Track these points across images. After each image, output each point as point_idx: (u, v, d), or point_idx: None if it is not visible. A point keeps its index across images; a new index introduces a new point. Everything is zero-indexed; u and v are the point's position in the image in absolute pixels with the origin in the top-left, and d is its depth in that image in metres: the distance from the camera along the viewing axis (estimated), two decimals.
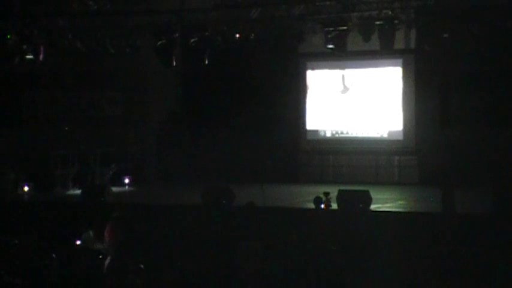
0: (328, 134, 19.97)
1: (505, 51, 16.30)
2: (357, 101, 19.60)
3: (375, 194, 14.10)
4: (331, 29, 14.57)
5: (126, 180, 19.02)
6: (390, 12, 14.22)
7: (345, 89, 19.73)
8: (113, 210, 10.37)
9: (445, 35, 14.28)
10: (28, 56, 15.70)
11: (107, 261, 9.13)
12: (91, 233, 10.26)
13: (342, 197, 13.74)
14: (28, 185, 17.25)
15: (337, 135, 19.86)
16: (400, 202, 15.49)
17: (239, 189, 14.62)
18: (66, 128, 19.98)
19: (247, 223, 11.82)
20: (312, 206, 13.74)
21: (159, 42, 15.28)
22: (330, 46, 14.88)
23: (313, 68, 20.06)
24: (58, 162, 18.29)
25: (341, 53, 16.53)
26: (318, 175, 19.49)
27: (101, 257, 9.34)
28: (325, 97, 19.92)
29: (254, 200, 13.28)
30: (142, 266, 9.04)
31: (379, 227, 12.37)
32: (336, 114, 19.79)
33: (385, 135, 19.38)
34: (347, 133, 19.73)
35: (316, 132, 20.10)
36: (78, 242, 10.16)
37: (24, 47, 15.58)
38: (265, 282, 8.99)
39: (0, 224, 12.39)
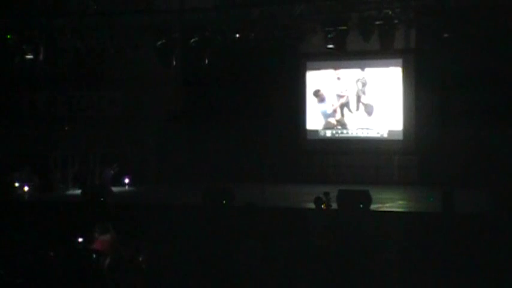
0: (328, 134, 19.97)
1: (504, 51, 16.30)
2: (357, 101, 19.59)
3: (375, 194, 14.10)
4: (331, 29, 14.58)
5: (126, 180, 19.02)
6: (390, 12, 14.23)
7: (345, 89, 19.73)
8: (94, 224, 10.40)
9: (445, 35, 14.29)
10: (28, 56, 15.71)
11: (107, 261, 9.14)
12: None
13: (342, 197, 13.74)
14: (28, 185, 17.25)
15: (337, 135, 19.86)
16: (400, 202, 15.49)
17: (239, 189, 14.62)
18: (66, 128, 19.98)
19: (247, 223, 11.82)
20: (312, 206, 13.74)
21: (159, 42, 15.29)
22: (330, 46, 14.89)
23: (313, 68, 20.07)
24: (58, 162, 18.29)
25: (341, 53, 16.59)
26: (318, 175, 19.49)
27: (100, 257, 9.35)
28: (325, 97, 19.91)
29: (254, 200, 13.28)
30: (142, 266, 9.04)
31: (379, 227, 12.36)
32: (336, 114, 19.79)
33: (385, 135, 19.37)
34: (347, 133, 19.73)
35: (316, 132, 20.10)
36: (80, 240, 10.16)
37: (24, 47, 15.59)
38: (265, 282, 8.98)
39: (0, 224, 12.39)
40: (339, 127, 19.78)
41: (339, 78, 19.72)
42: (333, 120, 19.83)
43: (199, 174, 18.62)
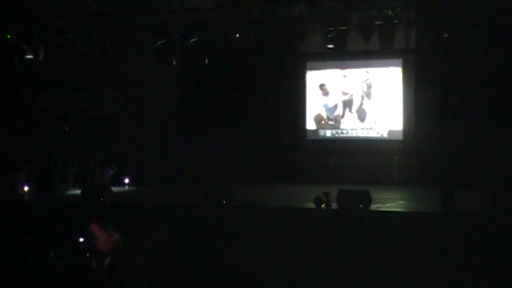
0: (328, 134, 19.97)
1: (504, 51, 16.30)
2: (356, 101, 19.59)
3: (375, 194, 14.09)
4: (331, 29, 14.59)
5: (126, 180, 19.01)
6: (390, 12, 14.23)
7: (345, 89, 19.73)
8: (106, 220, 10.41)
9: (445, 35, 14.29)
10: (28, 56, 15.71)
11: (107, 261, 9.14)
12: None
13: (342, 197, 13.73)
14: (28, 185, 17.24)
15: (337, 135, 19.86)
16: (400, 202, 15.48)
17: (239, 189, 14.62)
18: (66, 128, 19.98)
19: (247, 223, 11.82)
20: (312, 206, 13.73)
21: (159, 42, 15.30)
22: (330, 46, 14.90)
23: (313, 68, 20.07)
24: (58, 162, 18.28)
25: (341, 53, 16.59)
26: (318, 175, 19.47)
27: (101, 257, 9.35)
28: (329, 91, 19.88)
29: (254, 200, 13.28)
30: (142, 266, 9.04)
31: (379, 227, 12.36)
32: (336, 110, 19.79)
33: (385, 135, 19.38)
34: (347, 133, 19.73)
35: (316, 132, 20.10)
36: (81, 240, 10.18)
37: (24, 47, 15.60)
38: (265, 282, 8.99)
39: (0, 224, 12.40)
40: (331, 123, 19.75)
41: (345, 76, 19.71)
42: (324, 115, 19.77)
43: (199, 174, 18.61)
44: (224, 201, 14.20)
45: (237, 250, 9.79)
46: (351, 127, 19.64)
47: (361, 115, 19.50)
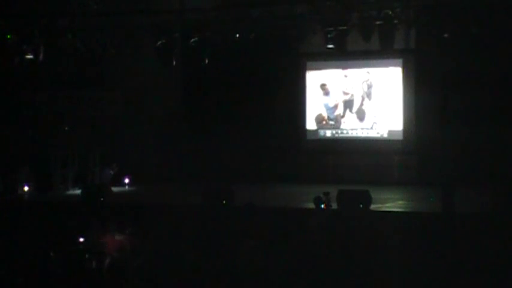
0: (328, 134, 19.97)
1: (504, 51, 16.31)
2: (357, 101, 19.59)
3: (375, 194, 14.09)
4: (331, 29, 14.60)
5: (126, 180, 19.01)
6: (390, 12, 14.24)
7: (346, 89, 19.73)
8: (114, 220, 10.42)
9: (445, 35, 14.30)
10: (28, 56, 15.72)
11: (107, 261, 9.14)
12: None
13: (342, 197, 13.74)
14: (28, 185, 17.24)
15: (337, 135, 19.86)
16: (400, 202, 15.48)
17: (239, 189, 14.62)
18: (66, 128, 19.98)
19: (247, 223, 11.82)
20: (312, 206, 13.74)
21: (159, 42, 15.32)
22: (330, 46, 14.90)
23: (313, 68, 20.06)
24: (58, 162, 18.28)
25: (340, 53, 16.61)
26: (318, 175, 19.46)
27: (101, 257, 9.36)
28: (330, 91, 19.86)
29: (254, 200, 13.28)
30: (142, 266, 9.04)
31: (379, 227, 12.36)
32: (336, 110, 19.79)
33: (385, 135, 19.37)
34: (347, 133, 19.73)
35: (316, 132, 20.10)
36: (81, 239, 10.19)
37: (24, 47, 15.61)
38: (265, 282, 8.99)
39: (1, 224, 12.40)
40: (331, 123, 19.75)
41: (346, 76, 19.70)
42: (325, 115, 19.76)
43: (199, 174, 18.62)
44: (224, 201, 14.20)
45: (237, 250, 9.79)
46: (351, 127, 19.64)
47: (361, 115, 19.50)
